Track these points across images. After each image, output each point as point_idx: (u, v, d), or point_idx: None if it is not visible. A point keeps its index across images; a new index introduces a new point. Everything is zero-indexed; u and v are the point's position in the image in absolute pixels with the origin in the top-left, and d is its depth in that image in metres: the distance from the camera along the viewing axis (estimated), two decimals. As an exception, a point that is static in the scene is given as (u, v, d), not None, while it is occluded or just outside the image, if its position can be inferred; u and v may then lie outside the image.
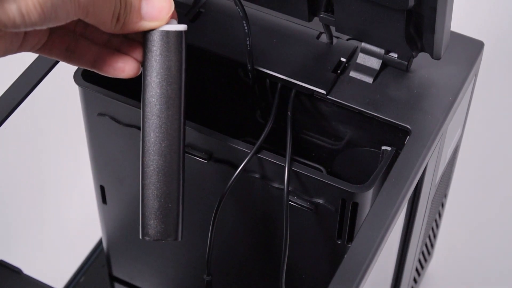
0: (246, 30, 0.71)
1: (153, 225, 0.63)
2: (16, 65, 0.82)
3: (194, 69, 0.79)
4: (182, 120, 0.63)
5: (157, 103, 0.62)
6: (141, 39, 0.62)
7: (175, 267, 0.91)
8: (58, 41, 0.62)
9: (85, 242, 1.08)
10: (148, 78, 0.62)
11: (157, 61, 0.61)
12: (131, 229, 0.89)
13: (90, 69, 0.64)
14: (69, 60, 0.63)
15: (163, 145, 0.62)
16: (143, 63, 0.62)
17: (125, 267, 0.96)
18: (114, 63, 0.63)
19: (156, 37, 0.61)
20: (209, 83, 0.81)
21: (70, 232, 1.15)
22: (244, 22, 0.71)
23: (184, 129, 0.63)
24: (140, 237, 0.64)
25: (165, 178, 0.63)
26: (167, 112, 0.62)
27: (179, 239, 0.64)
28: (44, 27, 0.55)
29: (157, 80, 0.62)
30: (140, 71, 0.63)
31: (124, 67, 0.63)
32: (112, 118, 0.77)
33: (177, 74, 0.62)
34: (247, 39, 0.72)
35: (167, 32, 0.61)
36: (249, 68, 0.74)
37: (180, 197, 0.64)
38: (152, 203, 0.63)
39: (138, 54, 0.63)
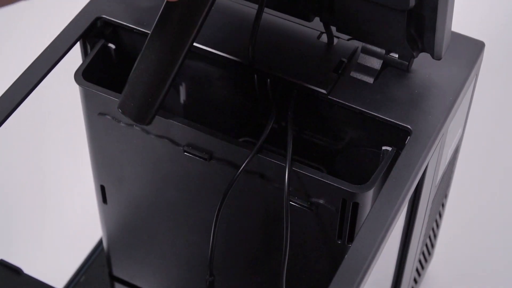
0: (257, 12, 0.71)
1: (130, 105, 0.67)
2: (16, 65, 0.82)
3: (194, 69, 0.79)
4: (191, 39, 0.65)
5: (173, 10, 0.64)
6: None
7: (175, 267, 0.91)
8: None
9: (85, 242, 1.08)
10: None
11: None
12: (132, 229, 0.89)
13: None
14: None
15: (166, 47, 0.65)
16: None
17: (125, 266, 0.96)
18: None
19: None
20: (209, 83, 0.81)
21: (70, 232, 1.14)
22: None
23: (191, 44, 0.65)
24: (117, 107, 0.68)
25: (155, 75, 0.66)
26: (180, 23, 0.64)
27: (147, 125, 0.69)
28: None
29: None
30: None
31: None
32: (113, 117, 0.77)
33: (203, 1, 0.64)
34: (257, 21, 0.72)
35: None
36: (250, 48, 0.73)
37: (162, 94, 0.67)
38: (136, 86, 0.66)
39: None
